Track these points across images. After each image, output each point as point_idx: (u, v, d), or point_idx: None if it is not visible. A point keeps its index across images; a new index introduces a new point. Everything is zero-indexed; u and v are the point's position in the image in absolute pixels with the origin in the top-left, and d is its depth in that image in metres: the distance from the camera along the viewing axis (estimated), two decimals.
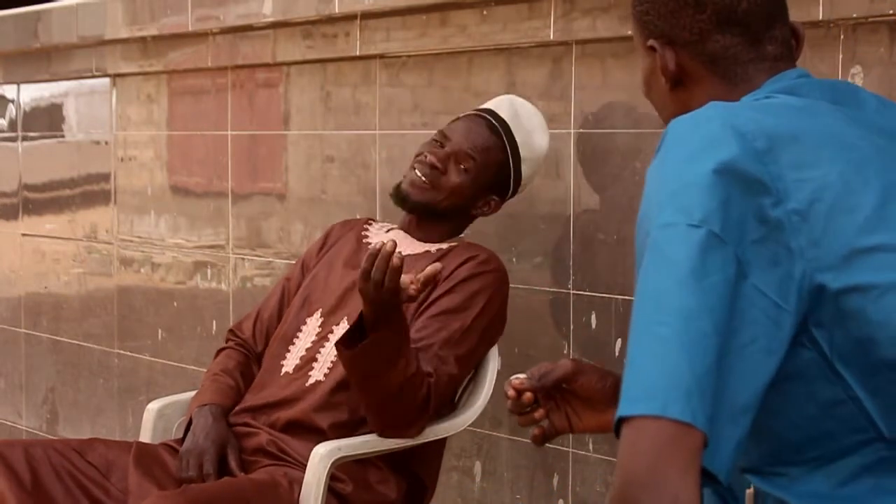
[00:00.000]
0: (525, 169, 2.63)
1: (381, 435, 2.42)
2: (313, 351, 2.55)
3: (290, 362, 2.57)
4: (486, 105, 2.67)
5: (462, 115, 2.66)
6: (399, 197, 2.61)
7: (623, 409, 1.25)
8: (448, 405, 2.57)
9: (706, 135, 1.34)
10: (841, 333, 1.32)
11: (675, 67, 1.53)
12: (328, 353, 2.52)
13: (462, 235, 2.67)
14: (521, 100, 2.70)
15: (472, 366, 2.55)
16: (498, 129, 2.60)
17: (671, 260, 1.27)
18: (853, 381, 1.33)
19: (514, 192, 2.66)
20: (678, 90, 1.55)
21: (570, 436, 2.81)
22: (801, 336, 1.31)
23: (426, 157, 2.57)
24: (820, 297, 1.31)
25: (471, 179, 2.58)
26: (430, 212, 2.61)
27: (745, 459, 1.42)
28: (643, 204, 1.35)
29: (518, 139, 2.61)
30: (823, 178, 1.33)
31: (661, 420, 1.22)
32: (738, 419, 1.26)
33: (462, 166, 2.57)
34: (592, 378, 1.84)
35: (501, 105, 2.65)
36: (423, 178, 2.57)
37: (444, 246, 2.60)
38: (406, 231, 2.67)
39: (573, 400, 1.86)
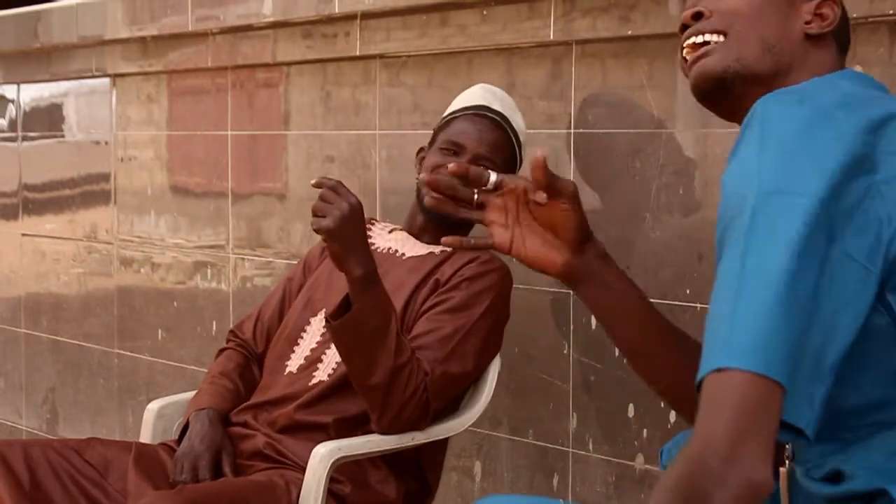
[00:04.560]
0: (524, 153, 2.64)
1: (381, 432, 2.41)
2: (318, 352, 2.55)
3: (294, 362, 2.57)
4: (468, 102, 2.65)
5: (453, 116, 2.64)
6: (430, 215, 2.59)
7: (721, 360, 1.25)
8: (451, 405, 2.57)
9: (808, 112, 1.38)
10: None
11: (832, 28, 1.62)
12: (333, 353, 2.52)
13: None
14: (491, 86, 2.70)
15: (481, 364, 2.53)
16: (501, 123, 2.60)
17: (774, 226, 1.30)
18: None
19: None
20: (813, 41, 1.61)
21: (570, 436, 2.81)
22: (877, 301, 1.35)
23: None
24: None
25: None
26: (460, 223, 2.61)
27: None
28: (736, 174, 1.37)
29: (515, 126, 2.62)
30: None
31: (760, 378, 1.24)
32: (826, 378, 1.30)
33: (482, 168, 2.54)
34: (578, 214, 1.74)
35: (485, 97, 2.64)
36: None
37: (449, 248, 2.60)
38: (410, 233, 2.67)
39: (530, 221, 1.76)
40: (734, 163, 1.39)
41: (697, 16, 1.66)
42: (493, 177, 1.76)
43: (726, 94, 1.63)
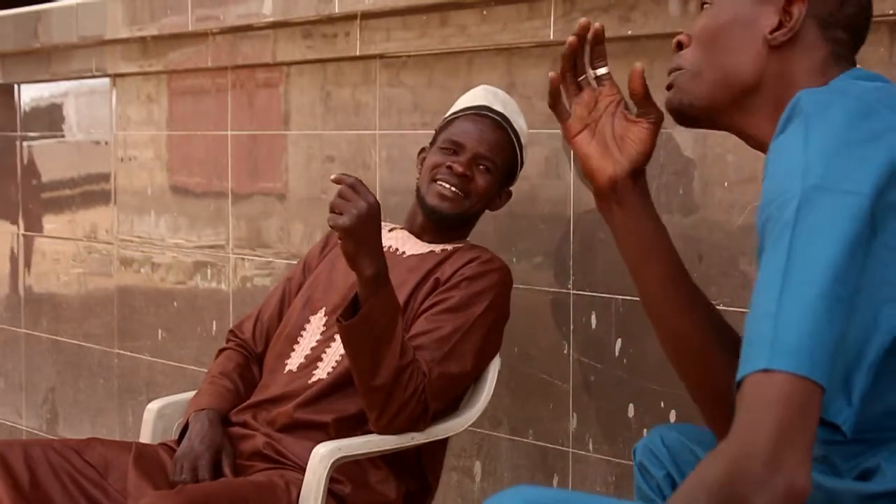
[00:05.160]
0: (526, 153, 2.65)
1: (379, 432, 2.41)
2: (318, 350, 2.55)
3: (294, 361, 2.57)
4: (469, 103, 2.65)
5: (454, 116, 2.65)
6: (432, 213, 2.59)
7: (766, 361, 1.23)
8: (451, 405, 2.56)
9: (853, 106, 1.38)
10: None
11: (798, 31, 1.56)
12: (334, 352, 2.52)
13: (468, 238, 2.66)
14: (493, 87, 2.71)
15: (480, 364, 2.53)
16: (502, 123, 2.61)
17: (823, 222, 1.29)
18: None
19: (517, 177, 2.68)
20: (780, 50, 1.57)
21: (570, 436, 2.81)
22: None
23: (452, 167, 2.56)
24: None
25: (494, 179, 2.60)
26: (461, 220, 2.61)
27: None
28: (780, 166, 1.36)
29: (517, 128, 2.63)
30: None
31: (803, 380, 1.22)
32: (865, 375, 1.29)
33: (482, 167, 2.58)
34: (652, 140, 1.71)
35: (487, 98, 2.65)
36: (455, 189, 2.56)
37: (449, 247, 2.60)
38: (411, 232, 2.67)
39: (604, 126, 1.71)
40: (776, 155, 1.38)
41: (679, 45, 1.66)
42: (605, 69, 1.76)
43: (697, 122, 1.64)
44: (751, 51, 1.58)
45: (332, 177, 2.32)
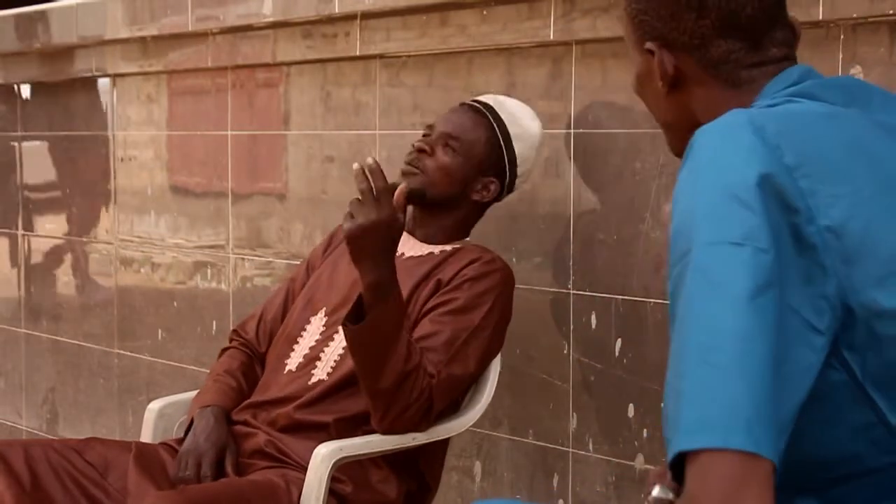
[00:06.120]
0: (518, 147, 2.61)
1: (382, 432, 2.41)
2: (317, 350, 2.55)
3: (293, 361, 2.57)
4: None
5: None
6: (412, 199, 2.57)
7: (682, 443, 1.19)
8: (452, 406, 2.57)
9: (738, 147, 1.29)
10: (874, 357, 1.27)
11: (674, 71, 1.49)
12: (332, 352, 2.52)
13: (468, 238, 2.65)
14: (503, 97, 2.72)
15: (483, 365, 2.52)
16: (481, 109, 2.62)
17: (718, 281, 1.22)
18: (885, 406, 1.29)
19: (514, 176, 2.63)
20: (675, 93, 1.50)
21: (570, 436, 2.81)
22: (832, 358, 1.27)
23: (413, 145, 2.60)
24: (852, 319, 1.26)
25: (460, 158, 2.57)
26: (427, 199, 2.58)
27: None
28: (676, 217, 1.30)
29: (504, 117, 2.62)
30: (857, 193, 1.29)
31: (725, 452, 1.17)
32: (782, 435, 1.23)
33: (448, 146, 2.57)
34: None
35: (485, 97, 2.69)
36: (411, 165, 2.57)
37: (448, 248, 2.59)
38: (410, 233, 2.66)
39: None
40: (675, 198, 1.31)
41: None
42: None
43: None
44: (659, 99, 1.53)
45: (370, 160, 2.32)
